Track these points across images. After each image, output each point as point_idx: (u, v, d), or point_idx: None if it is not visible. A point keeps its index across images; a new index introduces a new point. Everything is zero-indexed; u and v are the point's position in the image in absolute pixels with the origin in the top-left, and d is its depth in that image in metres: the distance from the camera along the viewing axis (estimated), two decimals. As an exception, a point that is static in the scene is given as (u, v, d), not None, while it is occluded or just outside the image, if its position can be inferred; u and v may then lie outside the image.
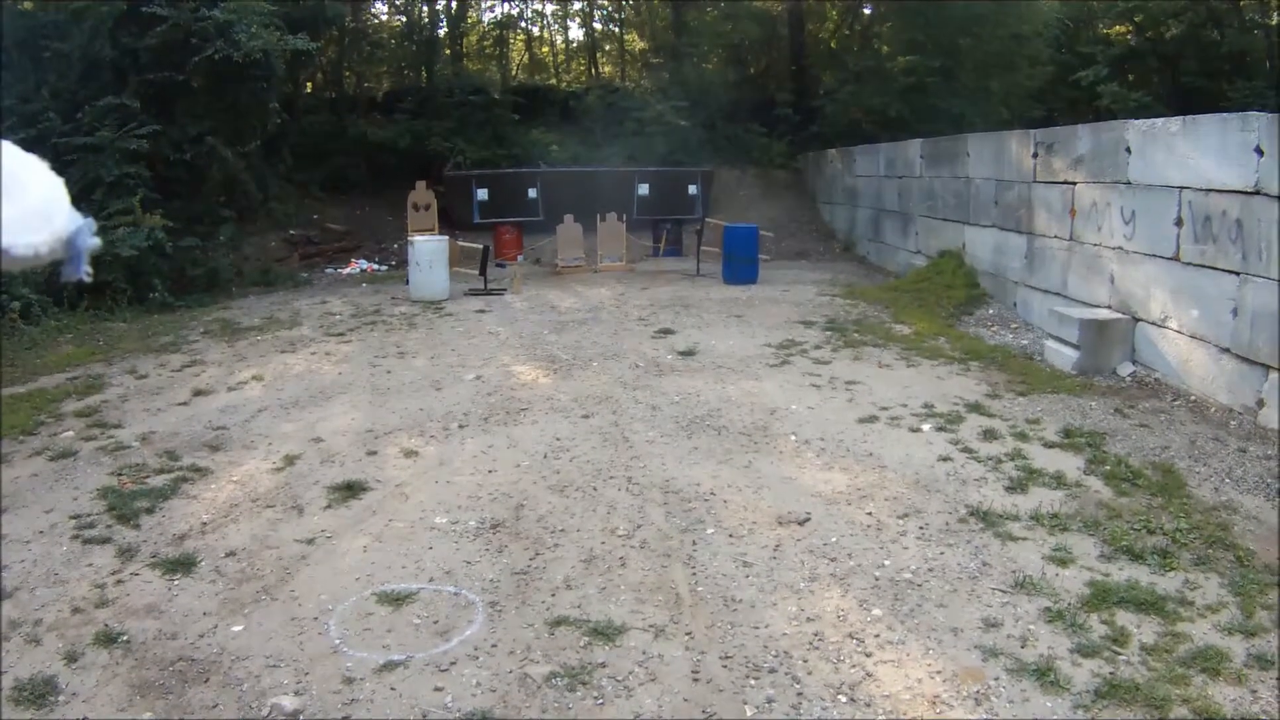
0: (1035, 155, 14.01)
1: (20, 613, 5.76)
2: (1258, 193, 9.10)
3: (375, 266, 22.38)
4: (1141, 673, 4.92)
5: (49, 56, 18.19)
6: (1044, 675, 4.89)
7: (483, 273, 18.64)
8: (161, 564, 6.46)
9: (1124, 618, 5.48)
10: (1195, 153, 10.16)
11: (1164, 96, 23.44)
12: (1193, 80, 25.52)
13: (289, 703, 4.84)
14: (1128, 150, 11.43)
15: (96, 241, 2.44)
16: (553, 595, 5.94)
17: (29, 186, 2.29)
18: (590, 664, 5.11)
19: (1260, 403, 9.05)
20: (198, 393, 10.96)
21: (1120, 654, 5.10)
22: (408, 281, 18.27)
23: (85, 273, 2.43)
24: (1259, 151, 9.09)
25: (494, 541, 6.75)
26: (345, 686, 4.97)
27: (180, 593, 6.07)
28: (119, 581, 6.22)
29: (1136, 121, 11.60)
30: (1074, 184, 12.84)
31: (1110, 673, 4.91)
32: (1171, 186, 10.53)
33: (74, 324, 15.25)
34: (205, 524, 7.16)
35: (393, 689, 4.95)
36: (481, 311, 16.25)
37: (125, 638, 5.46)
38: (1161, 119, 11.17)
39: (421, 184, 22.82)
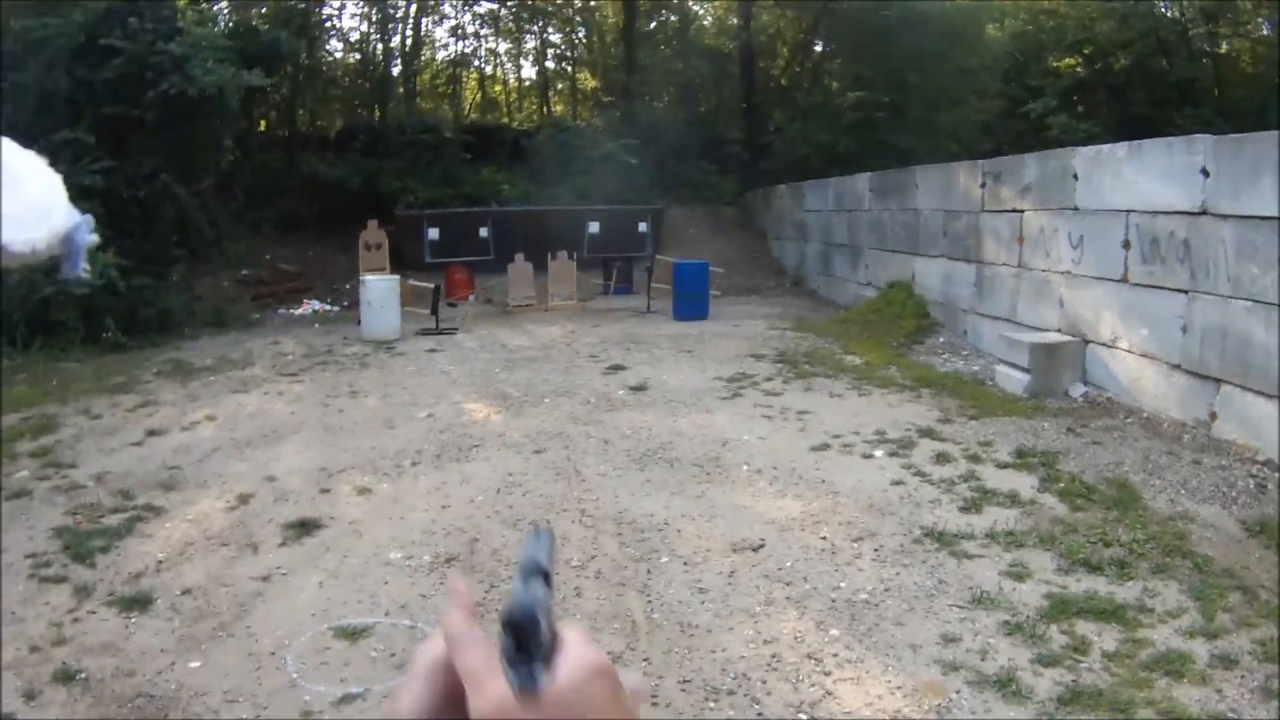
0: (983, 185, 14.12)
1: (-26, 652, 5.62)
2: (1204, 212, 9.20)
3: (327, 307, 22.22)
4: (1104, 679, 4.90)
5: (5, 87, 17.99)
6: (1006, 686, 4.86)
7: (434, 312, 18.54)
8: (118, 602, 6.31)
9: (1084, 627, 5.46)
10: (1142, 177, 10.28)
11: (1113, 126, 23.69)
12: (1141, 109, 25.89)
13: (247, 737, 4.75)
14: (1075, 177, 11.54)
15: (95, 239, 2.39)
16: (507, 627, 5.84)
17: (27, 183, 2.23)
18: (547, 693, 5.01)
19: (1213, 415, 9.12)
20: (151, 432, 10.78)
21: (1082, 662, 5.08)
22: (359, 321, 18.12)
23: (83, 269, 2.37)
24: (1204, 173, 9.20)
25: (449, 576, 6.66)
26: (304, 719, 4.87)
27: (137, 630, 5.95)
28: (76, 620, 6.08)
29: (1083, 149, 11.77)
30: (1022, 211, 12.94)
31: (1073, 680, 4.90)
32: (1119, 210, 10.64)
33: (27, 364, 14.99)
34: (161, 562, 7.02)
35: (349, 721, 4.86)
36: (433, 350, 16.14)
37: (83, 675, 5.34)
38: (1108, 145, 11.33)
39: (373, 223, 22.65)
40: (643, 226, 24.59)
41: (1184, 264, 9.51)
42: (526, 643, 0.75)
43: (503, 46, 38.57)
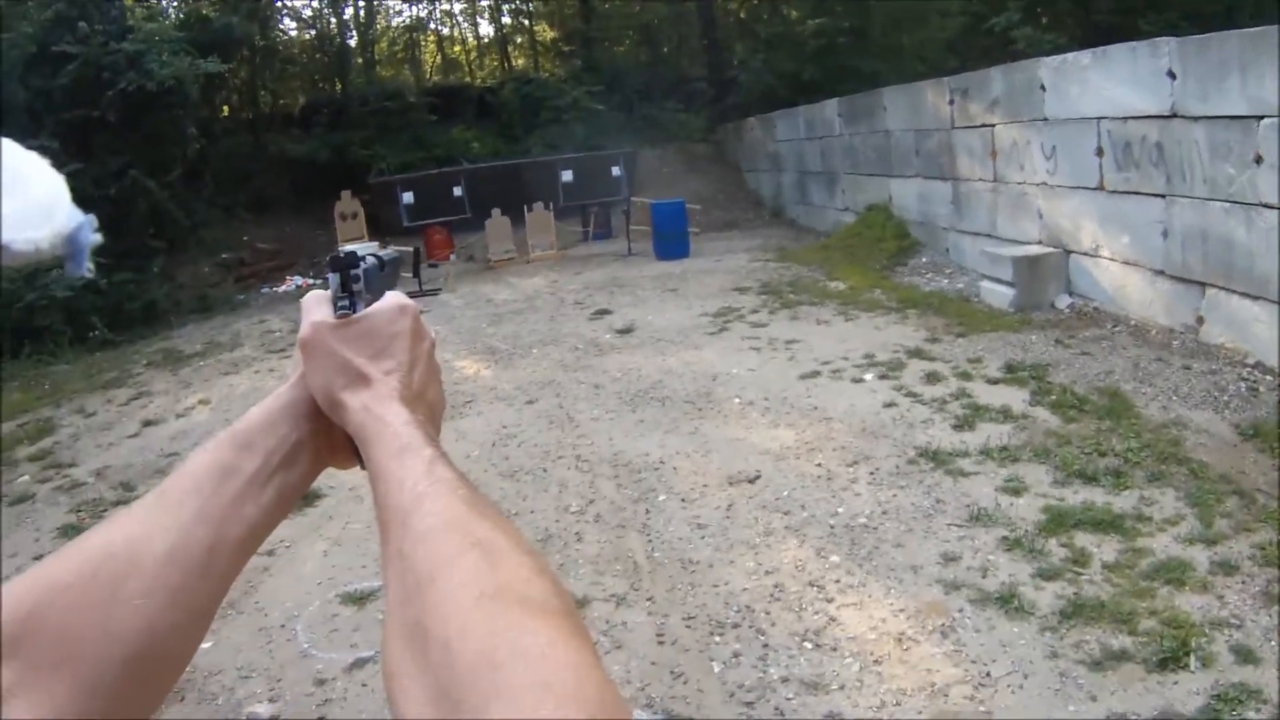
0: (951, 102, 14.03)
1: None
2: (1174, 115, 9.12)
3: (310, 281, 22.10)
4: (1106, 590, 4.91)
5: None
6: (1008, 602, 4.87)
7: (416, 274, 18.45)
8: (127, 592, 6.32)
9: (1083, 539, 5.46)
10: (1109, 83, 10.18)
11: (1079, 37, 23.50)
12: (1106, 18, 25.63)
13: (264, 710, 4.82)
14: (1042, 88, 11.44)
15: (98, 238, 2.33)
16: (511, 576, 5.85)
17: (30, 183, 2.17)
18: (554, 639, 5.03)
19: (1200, 320, 9.08)
20: (147, 423, 10.75)
21: (1082, 574, 5.08)
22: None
23: (88, 269, 2.31)
24: (1171, 75, 9.11)
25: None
26: (318, 688, 4.92)
27: (144, 614, 5.95)
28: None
29: (1048, 59, 11.63)
30: (992, 126, 12.85)
31: (1074, 593, 4.90)
32: (1089, 118, 10.55)
33: (18, 371, 14.99)
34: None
35: (364, 685, 4.90)
36: (419, 312, 16.09)
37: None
38: (1073, 53, 11.20)
39: (346, 193, 22.57)
40: (616, 170, 24.45)
41: (1159, 168, 9.44)
42: (348, 284, 0.99)
43: (458, 7, 38.32)
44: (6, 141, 2.10)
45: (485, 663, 0.61)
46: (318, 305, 1.01)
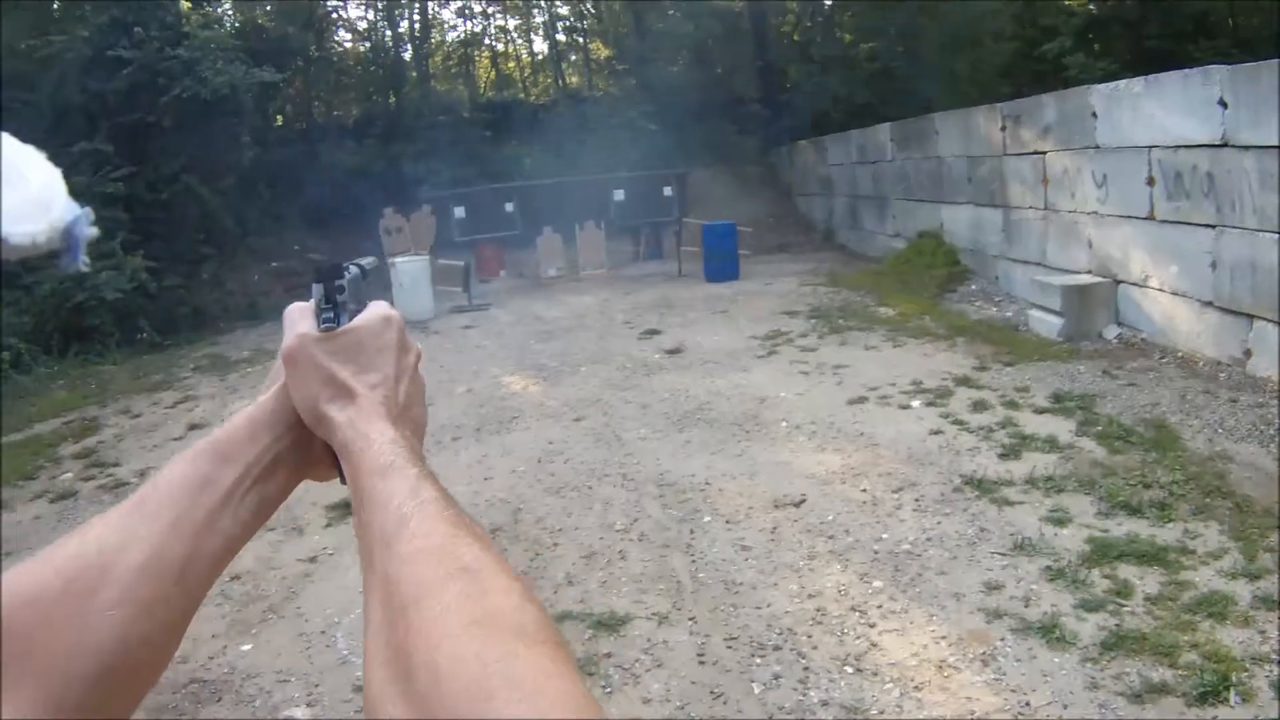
0: (1004, 128, 14.04)
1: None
2: (1225, 144, 9.12)
3: (358, 292, 22.29)
4: (1148, 622, 4.92)
5: (18, 106, 18.18)
6: (1050, 632, 4.89)
7: (466, 289, 18.63)
8: (168, 593, 6.44)
9: (1126, 570, 5.47)
10: (1160, 111, 10.18)
11: (1130, 63, 23.38)
12: (1157, 44, 25.51)
13: (301, 714, 4.89)
14: (1094, 115, 11.46)
15: (94, 231, 2.43)
16: (555, 592, 5.93)
17: (28, 176, 2.26)
18: (596, 655, 5.11)
19: (1248, 352, 9.05)
20: (192, 426, 10.92)
21: (1125, 606, 5.10)
22: (391, 304, 18.09)
23: (84, 262, 2.41)
24: (1223, 104, 9.11)
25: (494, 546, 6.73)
26: (356, 695, 4.98)
27: (189, 618, 6.05)
28: (126, 614, 6.20)
29: (1100, 86, 11.65)
30: (1044, 153, 12.86)
31: (1116, 624, 4.92)
32: (1140, 146, 10.54)
33: (65, 370, 15.26)
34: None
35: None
36: (468, 327, 16.24)
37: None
38: (1125, 80, 11.18)
39: (389, 210, 22.84)
40: (668, 191, 24.52)
41: (1209, 198, 9.42)
42: (332, 295, 0.99)
43: (512, 23, 38.50)
44: (4, 136, 2.20)
45: (477, 693, 0.61)
46: (302, 317, 1.01)
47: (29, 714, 0.71)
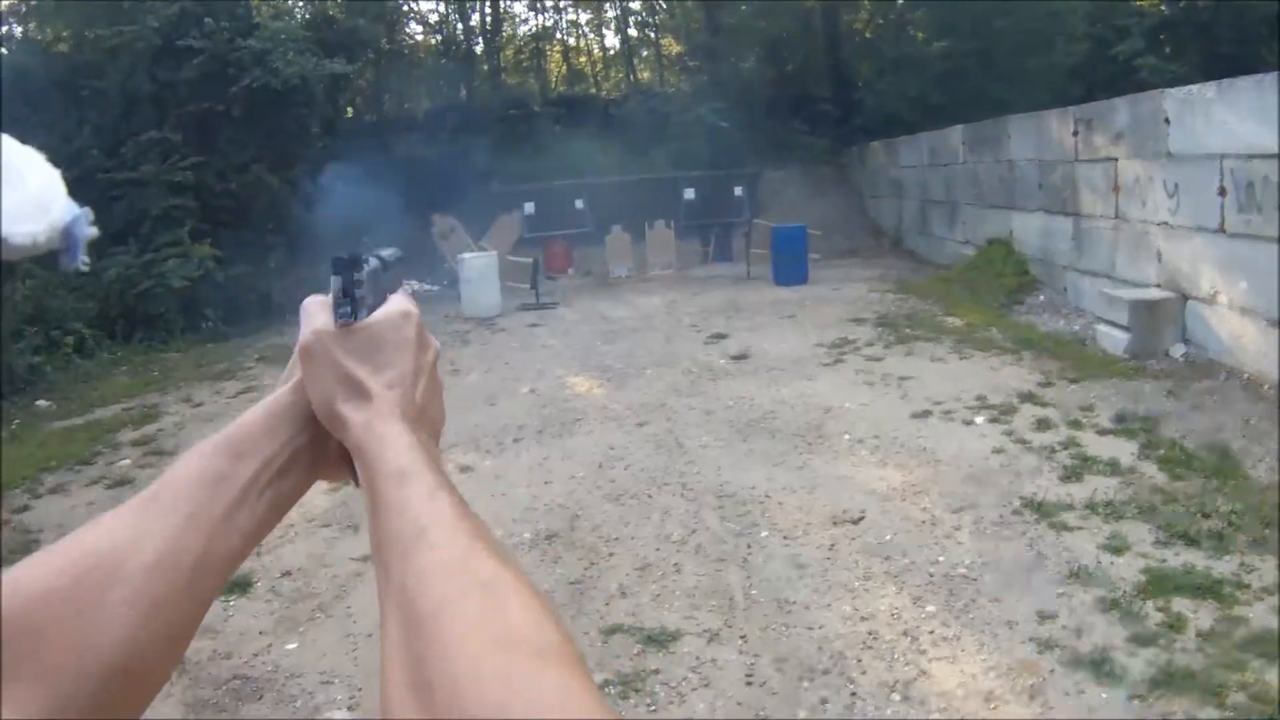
0: (1075, 133, 13.89)
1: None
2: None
3: (426, 286, 22.48)
4: (1198, 659, 4.90)
5: (88, 94, 18.54)
6: (1099, 666, 4.89)
7: (534, 286, 18.76)
8: (217, 584, 6.58)
9: (1180, 604, 5.45)
10: (1233, 117, 9.98)
11: (1201, 65, 23.03)
12: (1229, 47, 25.12)
13: (342, 715, 4.96)
14: (1166, 121, 11.25)
15: (93, 231, 2.52)
16: (607, 604, 6.02)
17: (27, 176, 2.35)
18: (644, 671, 5.18)
19: (1316, 376, 8.93)
20: (254, 418, 11.06)
21: (1176, 641, 5.08)
22: (459, 299, 18.43)
23: (83, 262, 2.51)
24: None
25: (549, 552, 6.83)
26: (399, 702, 5.05)
27: (236, 613, 6.20)
28: (174, 604, 6.34)
29: (1173, 90, 11.44)
30: (1115, 160, 12.71)
31: (1166, 660, 4.90)
32: (1212, 155, 10.33)
33: (128, 356, 15.56)
34: (261, 545, 7.24)
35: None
36: (534, 325, 16.37)
37: (180, 657, 5.58)
38: (1197, 85, 10.99)
39: (436, 216, 23.24)
40: (739, 191, 24.53)
41: (1281, 211, 9.26)
42: (350, 288, 0.95)
43: (584, 17, 38.56)
44: (4, 137, 2.30)
45: (498, 712, 0.60)
46: (319, 311, 0.97)
47: (37, 714, 0.70)
